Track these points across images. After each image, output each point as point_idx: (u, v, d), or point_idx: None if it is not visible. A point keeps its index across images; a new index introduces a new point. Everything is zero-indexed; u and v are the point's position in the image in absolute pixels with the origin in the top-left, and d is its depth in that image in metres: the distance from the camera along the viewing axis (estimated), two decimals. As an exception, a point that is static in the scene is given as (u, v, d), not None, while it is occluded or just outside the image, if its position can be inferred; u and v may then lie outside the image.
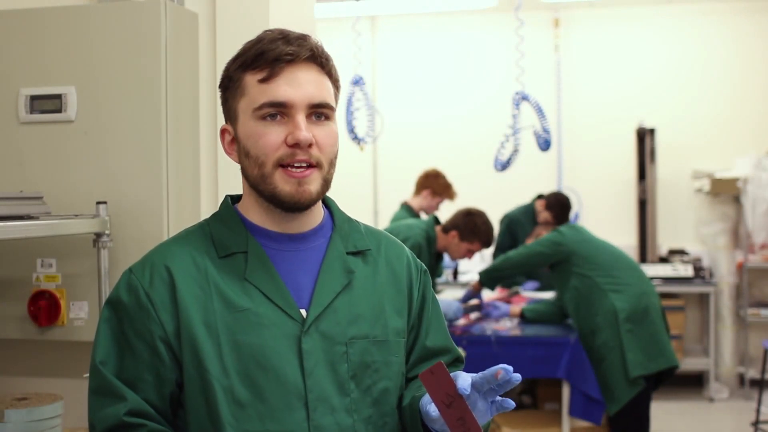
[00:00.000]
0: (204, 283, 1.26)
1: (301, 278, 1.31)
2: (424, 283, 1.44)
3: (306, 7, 2.47)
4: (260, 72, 1.26)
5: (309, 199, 1.27)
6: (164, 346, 1.24)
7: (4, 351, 2.26)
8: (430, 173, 5.04)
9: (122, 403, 1.23)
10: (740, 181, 5.89)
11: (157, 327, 1.24)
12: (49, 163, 2.12)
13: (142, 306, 1.25)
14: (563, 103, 6.61)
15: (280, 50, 1.25)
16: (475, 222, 3.97)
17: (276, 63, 1.25)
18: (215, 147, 2.24)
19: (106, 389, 1.24)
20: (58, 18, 2.13)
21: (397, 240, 1.47)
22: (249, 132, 1.27)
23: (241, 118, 1.29)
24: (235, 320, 1.24)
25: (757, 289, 6.20)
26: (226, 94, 1.32)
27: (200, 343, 1.23)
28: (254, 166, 1.27)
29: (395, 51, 6.95)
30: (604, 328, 3.75)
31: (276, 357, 1.24)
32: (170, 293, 1.25)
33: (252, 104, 1.26)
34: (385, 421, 1.31)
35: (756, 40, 6.38)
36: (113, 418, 1.22)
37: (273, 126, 1.25)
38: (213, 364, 1.23)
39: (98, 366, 1.26)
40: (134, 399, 1.23)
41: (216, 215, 1.36)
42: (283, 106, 1.25)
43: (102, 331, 1.28)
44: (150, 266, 1.28)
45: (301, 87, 1.25)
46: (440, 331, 1.44)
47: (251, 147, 1.27)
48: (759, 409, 4.68)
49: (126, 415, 1.22)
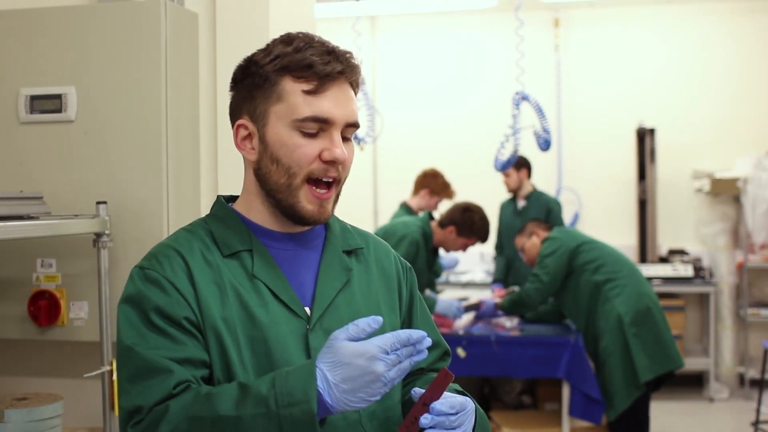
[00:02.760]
0: (219, 280, 1.26)
1: (303, 276, 1.32)
2: (411, 280, 1.48)
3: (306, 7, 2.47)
4: (307, 83, 1.25)
5: (327, 218, 1.31)
6: (195, 328, 1.23)
7: (4, 351, 2.26)
8: (428, 173, 5.04)
9: (169, 374, 1.18)
10: (740, 181, 5.89)
11: (186, 311, 1.22)
12: (49, 163, 2.12)
13: (168, 293, 1.23)
14: (563, 103, 6.60)
15: (332, 67, 1.25)
16: (473, 218, 3.99)
17: (326, 78, 1.25)
18: (215, 147, 2.24)
19: (147, 368, 1.19)
20: (58, 18, 2.13)
21: (382, 240, 1.50)
22: (283, 140, 1.26)
23: (272, 122, 1.27)
24: (248, 317, 1.25)
25: (757, 289, 6.20)
26: (254, 92, 1.29)
27: (223, 336, 1.23)
28: (283, 175, 1.27)
29: (395, 51, 6.95)
30: (607, 332, 3.73)
31: (286, 354, 1.25)
32: (191, 282, 1.25)
33: (293, 114, 1.25)
34: (388, 415, 1.34)
35: (756, 40, 6.38)
36: (164, 391, 1.17)
37: (310, 139, 1.26)
38: (235, 358, 1.23)
39: (132, 347, 1.20)
40: (180, 370, 1.19)
41: (213, 216, 1.36)
42: (326, 122, 1.26)
43: (123, 325, 1.23)
44: (165, 258, 1.26)
45: (342, 105, 1.27)
46: (429, 326, 1.48)
47: (284, 155, 1.26)
48: (759, 409, 4.68)
49: (175, 386, 1.18)
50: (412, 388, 1.36)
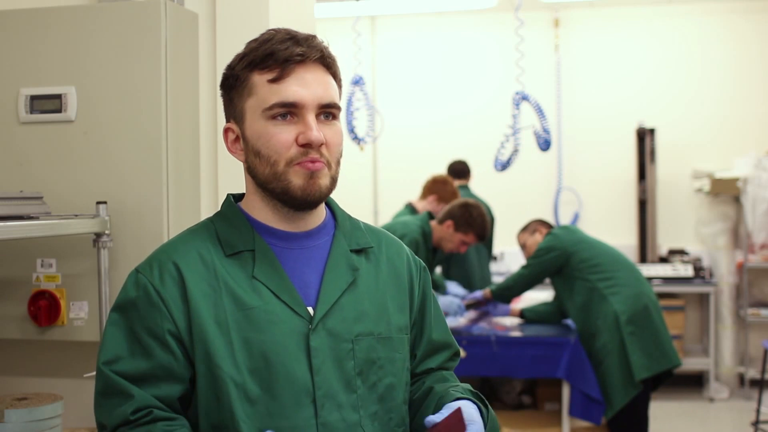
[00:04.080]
0: (213, 281, 1.26)
1: (307, 276, 1.32)
2: (424, 279, 1.47)
3: (306, 7, 2.47)
4: (270, 72, 1.26)
5: (319, 192, 1.28)
6: (176, 342, 1.24)
7: (4, 351, 2.26)
8: (438, 179, 4.87)
9: (129, 401, 1.22)
10: (740, 181, 5.89)
11: (168, 323, 1.24)
12: (49, 163, 2.12)
13: (152, 303, 1.25)
14: (563, 103, 6.61)
15: (290, 51, 1.26)
16: (471, 213, 3.98)
17: (286, 63, 1.26)
18: (215, 147, 2.24)
19: (112, 389, 1.24)
20: (58, 18, 2.13)
21: (396, 238, 1.49)
22: (259, 132, 1.27)
23: (248, 118, 1.29)
24: (244, 318, 1.25)
25: (757, 289, 6.20)
26: (231, 94, 1.32)
27: (212, 340, 1.23)
28: (265, 166, 1.27)
29: (395, 51, 6.95)
30: (604, 331, 3.74)
31: (285, 354, 1.25)
32: (180, 290, 1.25)
33: (262, 104, 1.27)
34: (390, 416, 1.33)
35: (755, 40, 6.38)
36: (121, 416, 1.22)
37: (283, 126, 1.26)
38: (225, 361, 1.23)
39: (101, 367, 1.26)
40: (141, 395, 1.23)
41: (220, 214, 1.36)
42: (293, 106, 1.26)
43: (109, 333, 1.27)
44: (158, 264, 1.28)
45: (311, 87, 1.27)
46: (442, 326, 1.47)
47: (262, 146, 1.27)
48: (759, 409, 4.67)
49: (133, 413, 1.22)
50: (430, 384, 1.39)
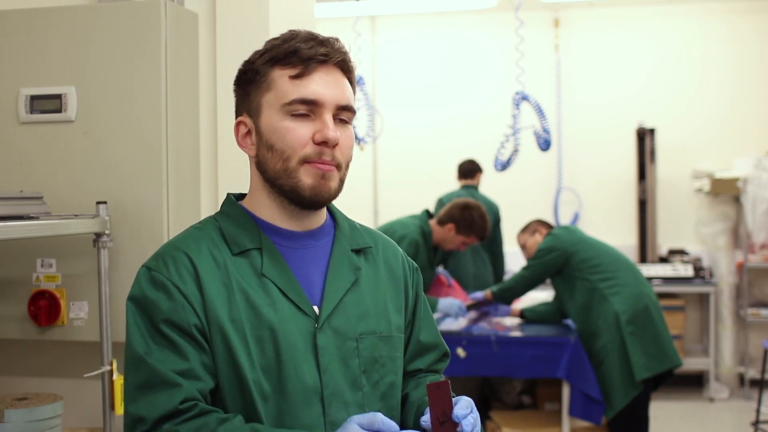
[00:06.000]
0: (226, 280, 1.26)
1: (312, 275, 1.32)
2: (417, 281, 1.49)
3: (306, 7, 2.47)
4: (292, 68, 1.27)
5: (328, 194, 1.29)
6: (201, 335, 1.23)
7: (4, 351, 2.26)
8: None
9: (177, 389, 1.19)
10: (740, 181, 5.89)
11: (193, 317, 1.23)
12: (49, 163, 2.12)
13: (174, 299, 1.23)
14: (563, 103, 6.60)
15: (315, 50, 1.27)
16: (472, 216, 3.99)
17: (309, 62, 1.27)
18: (215, 147, 2.24)
19: (155, 379, 1.20)
20: (58, 18, 2.13)
21: (390, 239, 1.50)
22: (275, 126, 1.28)
23: (265, 112, 1.29)
24: (256, 316, 1.25)
25: (757, 289, 6.20)
26: (249, 87, 1.32)
27: (230, 337, 1.23)
28: (278, 160, 1.27)
29: (395, 51, 6.95)
30: (604, 331, 3.74)
31: (294, 353, 1.25)
32: (197, 285, 1.24)
33: (282, 99, 1.27)
34: (392, 414, 1.34)
35: (756, 40, 6.38)
36: (167, 406, 1.18)
37: (301, 122, 1.27)
38: (243, 359, 1.23)
39: (144, 357, 1.21)
40: (188, 386, 1.19)
41: (223, 213, 1.36)
42: (313, 103, 1.26)
43: (133, 330, 1.24)
44: (172, 260, 1.26)
45: (331, 87, 1.28)
46: (431, 327, 1.49)
47: (277, 141, 1.27)
48: (759, 409, 4.67)
49: (182, 402, 1.18)
50: (407, 390, 1.40)
